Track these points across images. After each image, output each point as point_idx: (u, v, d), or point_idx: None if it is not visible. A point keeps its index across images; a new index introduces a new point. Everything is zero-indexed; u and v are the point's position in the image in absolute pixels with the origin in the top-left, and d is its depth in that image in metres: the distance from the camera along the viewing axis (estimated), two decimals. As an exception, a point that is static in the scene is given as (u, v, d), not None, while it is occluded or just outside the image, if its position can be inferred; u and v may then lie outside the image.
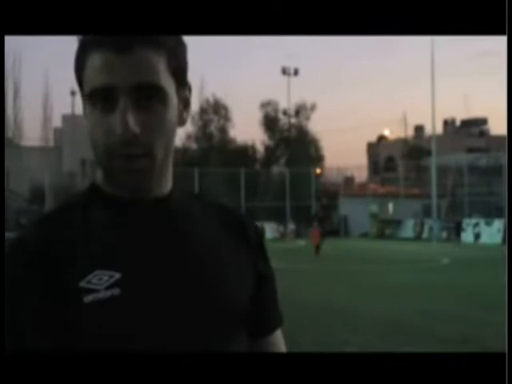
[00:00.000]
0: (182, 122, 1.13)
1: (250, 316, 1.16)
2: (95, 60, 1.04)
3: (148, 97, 1.04)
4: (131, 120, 1.02)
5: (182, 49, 1.11)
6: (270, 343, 1.24)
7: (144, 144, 1.04)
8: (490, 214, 32.98)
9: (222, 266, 1.13)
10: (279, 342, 1.26)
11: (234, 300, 1.12)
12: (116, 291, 1.03)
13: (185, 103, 1.14)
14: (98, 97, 1.04)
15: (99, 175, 1.14)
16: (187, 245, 1.12)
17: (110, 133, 1.04)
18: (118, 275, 1.04)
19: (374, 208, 40.36)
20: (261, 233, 1.26)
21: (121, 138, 1.02)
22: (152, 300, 1.05)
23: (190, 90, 1.15)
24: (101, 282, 1.03)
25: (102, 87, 1.03)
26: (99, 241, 1.07)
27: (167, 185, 1.14)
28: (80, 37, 1.08)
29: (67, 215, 1.10)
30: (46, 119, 49.84)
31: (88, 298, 1.02)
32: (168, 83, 1.07)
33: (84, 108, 1.10)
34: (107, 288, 1.03)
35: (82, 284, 1.03)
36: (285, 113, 48.73)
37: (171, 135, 1.09)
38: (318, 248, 23.60)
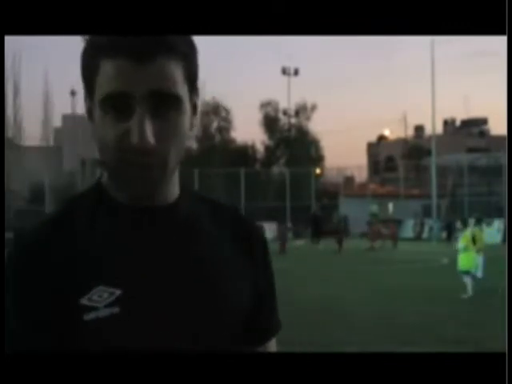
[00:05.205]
0: (191, 127, 1.10)
1: (245, 326, 1.14)
2: (110, 66, 1.00)
3: (164, 105, 1.01)
4: (148, 130, 0.99)
5: (195, 54, 1.08)
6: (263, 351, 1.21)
7: (159, 154, 1.01)
8: (490, 214, 32.98)
9: (223, 280, 1.10)
10: (272, 350, 1.24)
11: (233, 315, 1.10)
12: (115, 310, 1.01)
13: (193, 108, 1.10)
14: (111, 103, 1.00)
15: (105, 177, 1.11)
16: (193, 259, 1.09)
17: (123, 140, 1.00)
18: (118, 292, 1.01)
19: (374, 208, 40.34)
20: (267, 248, 1.23)
21: (136, 148, 0.99)
22: (152, 319, 1.03)
23: (197, 94, 1.12)
24: (101, 300, 1.01)
25: (117, 94, 0.99)
26: (103, 253, 1.04)
27: (175, 190, 1.12)
28: (88, 37, 1.05)
29: (71, 222, 1.07)
30: (46, 119, 49.89)
31: (88, 316, 1.00)
32: (183, 91, 1.04)
33: (91, 111, 1.06)
34: (106, 306, 1.01)
35: (84, 301, 1.01)
36: (285, 113, 48.81)
37: (184, 143, 1.06)
38: (396, 242, 27.79)
